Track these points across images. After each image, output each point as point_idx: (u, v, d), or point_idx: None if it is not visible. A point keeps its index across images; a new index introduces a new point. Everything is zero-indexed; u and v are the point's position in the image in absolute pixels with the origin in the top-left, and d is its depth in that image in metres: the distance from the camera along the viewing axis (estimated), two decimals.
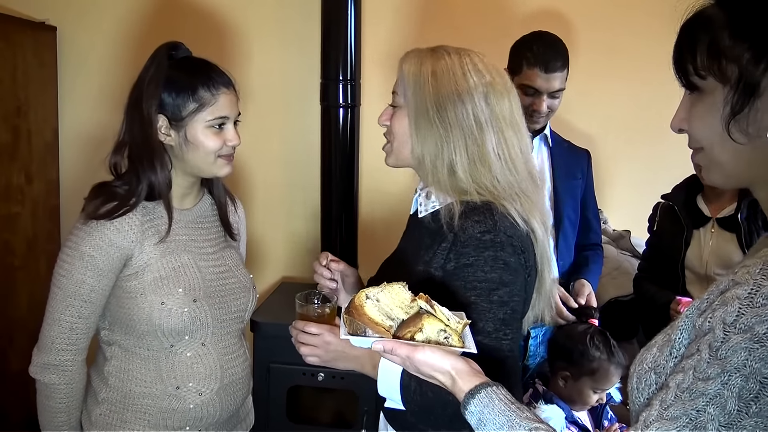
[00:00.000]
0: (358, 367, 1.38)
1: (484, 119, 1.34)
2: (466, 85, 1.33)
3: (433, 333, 1.13)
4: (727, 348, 0.77)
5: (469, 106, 1.33)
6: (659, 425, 0.80)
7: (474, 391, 1.03)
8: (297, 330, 1.40)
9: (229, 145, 1.58)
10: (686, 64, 0.89)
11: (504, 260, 1.30)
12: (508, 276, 1.30)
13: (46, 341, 1.55)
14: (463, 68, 1.35)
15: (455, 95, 1.33)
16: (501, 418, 0.99)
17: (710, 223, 2.44)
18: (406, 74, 1.39)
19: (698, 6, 0.90)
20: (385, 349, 1.12)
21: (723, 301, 0.80)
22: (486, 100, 1.34)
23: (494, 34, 2.82)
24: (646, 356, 0.93)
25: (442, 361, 1.08)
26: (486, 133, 1.34)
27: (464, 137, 1.33)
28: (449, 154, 1.34)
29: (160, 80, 1.54)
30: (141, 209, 1.57)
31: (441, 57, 1.37)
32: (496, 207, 1.32)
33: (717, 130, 0.87)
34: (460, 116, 1.33)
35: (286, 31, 3.13)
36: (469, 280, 1.30)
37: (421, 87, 1.35)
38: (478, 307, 1.29)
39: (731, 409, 0.76)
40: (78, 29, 3.22)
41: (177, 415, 1.59)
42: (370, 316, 1.17)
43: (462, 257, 1.31)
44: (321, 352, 1.38)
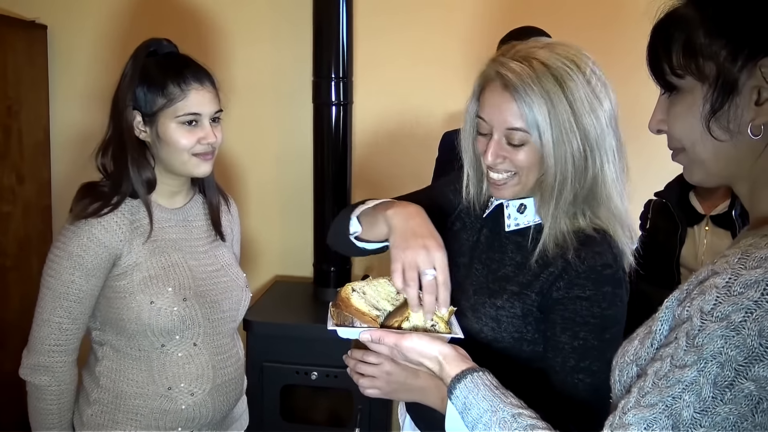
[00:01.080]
0: (423, 399, 1.26)
1: (617, 143, 1.24)
2: (603, 110, 1.22)
3: (420, 321, 1.15)
4: (704, 336, 0.77)
5: (602, 117, 1.21)
6: (636, 412, 0.81)
7: (460, 375, 1.04)
8: (354, 360, 1.28)
9: (203, 143, 1.56)
10: (662, 64, 0.89)
11: (621, 298, 1.21)
12: (622, 314, 1.22)
13: (36, 342, 1.54)
14: (593, 88, 1.21)
15: (590, 113, 1.20)
16: (485, 402, 1.00)
17: (704, 220, 2.45)
18: (536, 109, 1.18)
19: (669, 6, 0.90)
20: (372, 338, 1.13)
21: (701, 290, 0.81)
22: (616, 117, 1.25)
23: (489, 29, 2.82)
24: (628, 348, 0.94)
25: (430, 347, 1.09)
26: (618, 160, 1.24)
27: (602, 158, 1.22)
28: (580, 184, 1.22)
29: (135, 75, 1.54)
30: (129, 208, 1.56)
31: (567, 78, 1.19)
32: (613, 239, 1.23)
33: (697, 129, 0.87)
34: (604, 155, 1.22)
35: (277, 29, 3.12)
36: (582, 315, 1.20)
37: (565, 130, 1.19)
38: (587, 344, 1.19)
39: (706, 396, 0.76)
40: (68, 28, 3.21)
41: (169, 416, 1.58)
42: (357, 307, 1.18)
43: (575, 288, 1.21)
44: (382, 384, 1.25)
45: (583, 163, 1.20)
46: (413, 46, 3.03)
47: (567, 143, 1.18)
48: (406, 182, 1.60)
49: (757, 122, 0.83)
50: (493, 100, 1.23)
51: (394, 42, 3.06)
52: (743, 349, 0.75)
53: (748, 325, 0.75)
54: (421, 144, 2.96)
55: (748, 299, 0.75)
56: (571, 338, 1.20)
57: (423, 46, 3.02)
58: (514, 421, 0.96)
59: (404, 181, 2.91)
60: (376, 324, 1.17)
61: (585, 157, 1.20)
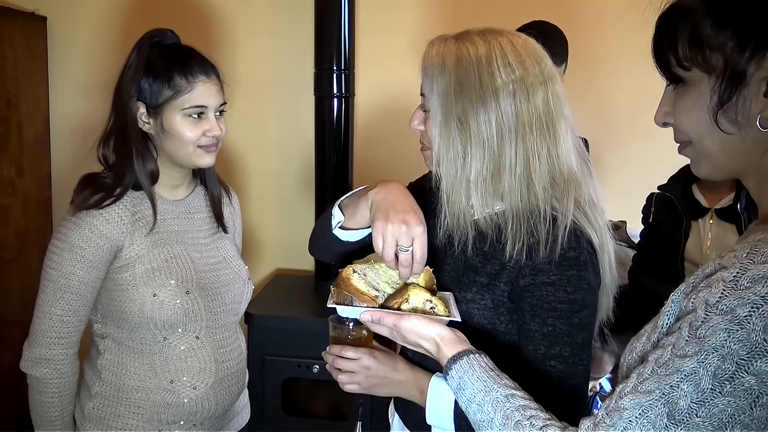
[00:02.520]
0: (403, 393, 1.29)
1: (507, 129, 1.19)
2: (493, 88, 1.19)
3: (419, 303, 1.16)
4: (707, 328, 0.78)
5: (493, 115, 1.19)
6: (633, 397, 0.82)
7: (456, 357, 1.07)
8: (332, 355, 1.29)
9: (208, 136, 1.55)
10: (667, 56, 0.88)
11: (587, 281, 1.20)
12: (590, 297, 1.21)
13: (37, 335, 1.53)
14: (491, 64, 1.19)
15: (480, 104, 1.19)
16: (479, 383, 1.02)
17: (709, 214, 2.43)
18: (430, 76, 1.23)
19: None
20: (372, 318, 1.14)
21: (708, 283, 0.81)
22: (515, 103, 1.19)
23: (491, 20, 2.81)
24: (635, 345, 0.94)
25: (428, 329, 1.10)
26: (506, 144, 1.20)
27: (482, 150, 1.20)
28: (465, 168, 1.22)
29: (140, 66, 1.52)
30: (131, 200, 1.55)
31: (466, 53, 1.21)
32: (575, 221, 1.21)
33: (705, 122, 0.86)
34: (483, 128, 1.19)
35: (279, 20, 3.10)
36: (549, 300, 1.19)
37: (447, 97, 1.21)
38: (556, 330, 1.18)
39: (705, 388, 0.77)
40: (68, 19, 3.19)
41: (171, 410, 1.57)
42: (357, 287, 1.20)
43: (540, 274, 1.19)
44: (361, 378, 1.27)
45: (468, 137, 1.21)
46: (416, 38, 3.01)
47: (451, 115, 1.21)
48: (408, 175, 1.59)
49: (766, 114, 0.82)
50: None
51: (396, 34, 3.04)
52: (746, 344, 0.75)
53: (753, 320, 0.75)
54: None
55: (755, 294, 0.75)
56: (540, 325, 1.19)
57: (426, 38, 3.00)
58: (506, 401, 0.98)
59: (406, 174, 2.89)
60: (375, 304, 1.19)
61: (468, 135, 1.20)
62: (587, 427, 0.86)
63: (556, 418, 0.94)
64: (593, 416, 0.87)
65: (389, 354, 1.31)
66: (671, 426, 0.78)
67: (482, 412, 0.99)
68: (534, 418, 0.94)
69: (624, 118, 3.02)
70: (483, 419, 0.99)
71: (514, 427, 0.94)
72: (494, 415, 0.97)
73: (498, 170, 1.21)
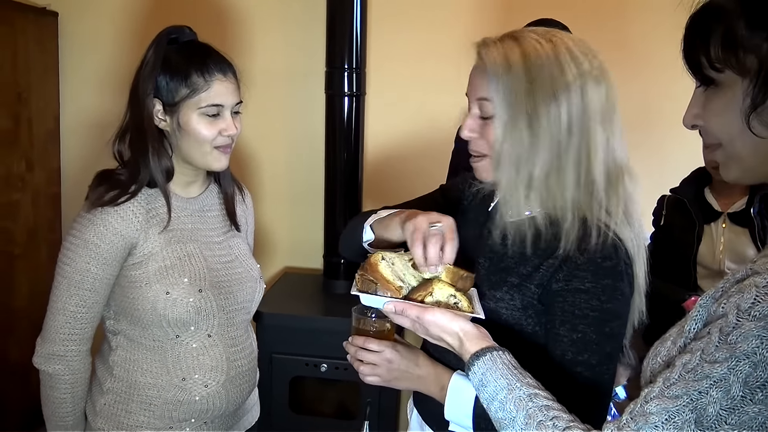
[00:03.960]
0: (422, 388, 1.29)
1: (575, 123, 1.18)
2: (563, 82, 1.16)
3: (443, 297, 1.16)
4: (739, 334, 0.76)
5: (564, 109, 1.17)
6: (659, 402, 0.81)
7: (480, 353, 1.06)
8: (355, 346, 1.29)
9: (224, 135, 1.54)
10: (699, 57, 0.87)
11: (622, 291, 1.19)
12: (623, 308, 1.20)
13: (50, 331, 1.53)
14: (558, 58, 1.17)
15: (551, 100, 1.16)
16: (502, 380, 1.01)
17: (721, 218, 2.42)
18: (495, 77, 1.18)
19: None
20: (396, 309, 1.14)
21: (740, 288, 0.79)
22: (583, 95, 1.18)
23: (503, 18, 2.80)
24: (660, 349, 0.92)
25: (452, 323, 1.10)
26: (573, 139, 1.18)
27: (550, 148, 1.18)
28: (529, 167, 1.19)
29: (157, 63, 1.51)
30: (145, 197, 1.55)
31: (531, 47, 1.18)
32: (616, 231, 1.20)
33: (736, 124, 0.84)
34: (554, 125, 1.17)
35: (290, 19, 3.10)
36: (581, 307, 1.17)
37: (513, 92, 1.17)
38: (586, 337, 1.17)
39: (735, 395, 0.76)
40: (79, 15, 3.19)
41: (182, 407, 1.57)
42: (383, 274, 1.19)
43: (575, 280, 1.18)
44: (382, 371, 1.27)
45: (533, 141, 1.18)
46: (428, 38, 3.00)
47: (520, 118, 1.17)
48: (418, 176, 1.59)
49: None
50: (471, 74, 1.26)
51: (408, 33, 3.03)
52: None
53: None
54: (434, 137, 2.94)
55: None
56: (570, 331, 1.19)
57: (438, 39, 2.99)
58: (529, 401, 0.97)
59: (416, 175, 2.91)
60: (398, 295, 1.18)
61: (537, 136, 1.18)
62: (611, 431, 0.85)
63: (578, 420, 0.93)
64: (617, 420, 0.86)
65: (411, 348, 1.31)
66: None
67: (504, 410, 0.99)
68: (557, 419, 0.93)
69: (636, 120, 3.00)
70: (504, 417, 0.98)
71: (537, 427, 0.93)
72: (516, 414, 0.97)
73: (562, 165, 1.20)
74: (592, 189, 1.21)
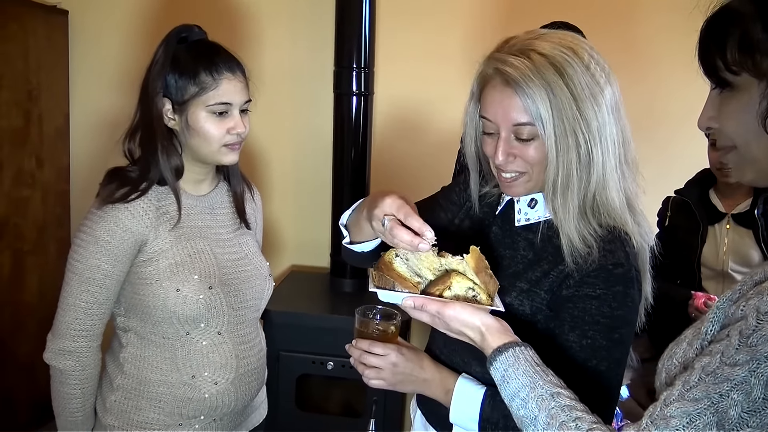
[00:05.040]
0: (427, 391, 1.29)
1: (617, 129, 1.19)
2: (603, 95, 1.16)
3: (462, 290, 1.14)
4: (759, 336, 0.76)
5: (603, 105, 1.17)
6: (680, 405, 0.81)
7: (502, 348, 1.05)
8: (359, 350, 1.28)
9: (233, 133, 1.55)
10: (715, 60, 0.87)
11: (632, 298, 1.19)
12: (632, 315, 1.20)
13: (61, 327, 1.54)
14: (588, 65, 1.16)
15: (591, 100, 1.15)
16: (524, 378, 1.00)
17: (725, 219, 2.42)
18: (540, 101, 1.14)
19: (723, 0, 0.87)
20: (415, 305, 1.12)
21: (759, 291, 0.79)
22: (616, 100, 1.19)
23: (510, 19, 2.81)
24: (675, 351, 0.92)
25: (473, 317, 1.09)
26: (617, 145, 1.19)
27: (601, 156, 1.17)
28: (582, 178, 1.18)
29: (166, 62, 1.52)
30: (156, 195, 1.56)
31: (567, 65, 1.15)
32: (627, 237, 1.20)
33: (752, 127, 0.84)
34: (605, 140, 1.17)
35: (299, 18, 3.11)
36: (591, 314, 1.17)
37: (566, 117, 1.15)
38: (595, 344, 1.17)
39: (757, 397, 0.75)
40: (90, 13, 3.21)
41: (192, 404, 1.58)
42: (399, 272, 1.17)
43: (585, 287, 1.18)
44: (387, 375, 1.26)
45: (588, 154, 1.16)
46: (436, 38, 3.01)
47: (570, 134, 1.15)
48: (426, 174, 1.59)
49: None
50: (495, 97, 1.19)
51: (416, 33, 3.04)
52: None
53: None
54: (441, 137, 2.95)
55: None
56: (580, 337, 1.18)
57: (446, 38, 3.00)
58: (552, 400, 0.96)
59: (423, 174, 2.91)
60: (416, 290, 1.16)
61: (589, 148, 1.16)
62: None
63: (601, 421, 0.93)
64: (637, 423, 0.86)
65: (416, 351, 1.31)
66: None
67: (526, 408, 0.98)
68: (580, 420, 0.92)
69: (641, 121, 3.00)
70: (526, 416, 0.98)
71: (559, 428, 0.93)
72: (538, 413, 0.96)
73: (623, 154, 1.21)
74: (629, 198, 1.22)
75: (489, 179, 1.38)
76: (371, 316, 1.31)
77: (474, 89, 1.26)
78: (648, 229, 1.26)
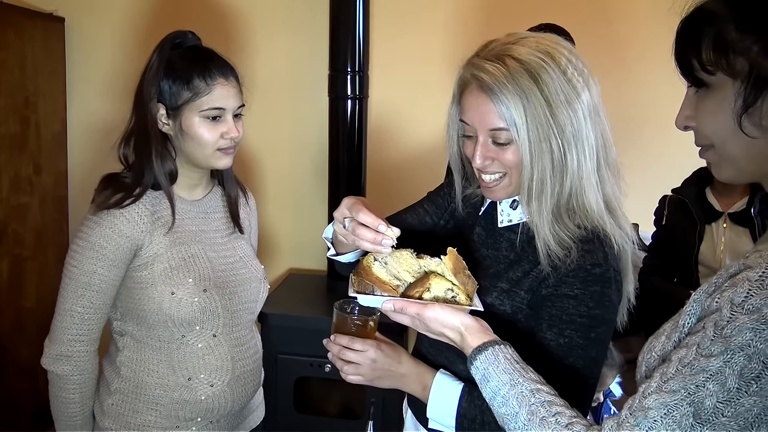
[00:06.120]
0: (404, 387, 1.29)
1: (594, 130, 1.20)
2: (575, 93, 1.17)
3: (441, 292, 1.15)
4: (733, 327, 0.78)
5: (579, 110, 1.17)
6: (657, 397, 0.82)
7: (482, 347, 1.06)
8: (338, 346, 1.28)
9: (226, 138, 1.56)
10: (691, 60, 0.88)
11: (610, 298, 1.20)
12: (610, 315, 1.21)
13: (58, 332, 1.56)
14: (564, 69, 1.17)
15: (566, 106, 1.16)
16: (504, 375, 1.01)
17: (722, 218, 2.43)
18: (514, 107, 1.16)
19: (698, 1, 0.89)
20: (395, 308, 1.13)
21: (733, 282, 0.81)
22: (594, 103, 1.20)
23: (503, 22, 2.82)
24: (654, 344, 0.94)
25: (452, 318, 1.10)
26: (594, 147, 1.20)
27: (576, 158, 1.18)
28: (556, 179, 1.19)
29: (161, 68, 1.54)
30: (150, 200, 1.57)
31: (537, 64, 1.16)
32: (606, 238, 1.21)
33: (728, 126, 0.86)
34: (580, 143, 1.18)
35: (294, 22, 3.13)
36: (569, 313, 1.19)
37: (539, 121, 1.16)
38: (572, 342, 1.19)
39: (731, 387, 0.77)
40: (86, 20, 3.23)
41: (188, 406, 1.59)
42: (378, 276, 1.18)
43: (563, 286, 1.20)
44: (366, 371, 1.26)
45: (561, 159, 1.18)
46: (430, 40, 3.02)
47: (544, 140, 1.16)
48: (420, 177, 1.60)
49: None
50: (472, 102, 1.22)
51: (411, 37, 3.05)
52: None
53: None
54: (436, 139, 2.93)
55: None
56: (557, 335, 1.20)
57: (440, 42, 3.02)
58: (532, 396, 0.98)
59: (418, 176, 2.92)
60: (396, 293, 1.18)
61: (563, 153, 1.17)
62: (610, 427, 0.87)
63: (581, 416, 0.94)
64: (616, 416, 0.87)
65: (394, 347, 1.31)
66: (697, 425, 0.79)
67: (507, 405, 0.99)
68: (559, 415, 0.94)
69: (637, 120, 3.02)
70: (507, 413, 0.99)
71: (539, 424, 0.94)
72: (519, 410, 0.97)
73: (604, 157, 1.22)
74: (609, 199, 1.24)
75: (472, 181, 1.40)
76: (349, 311, 1.32)
77: (455, 92, 1.29)
78: (629, 231, 1.27)
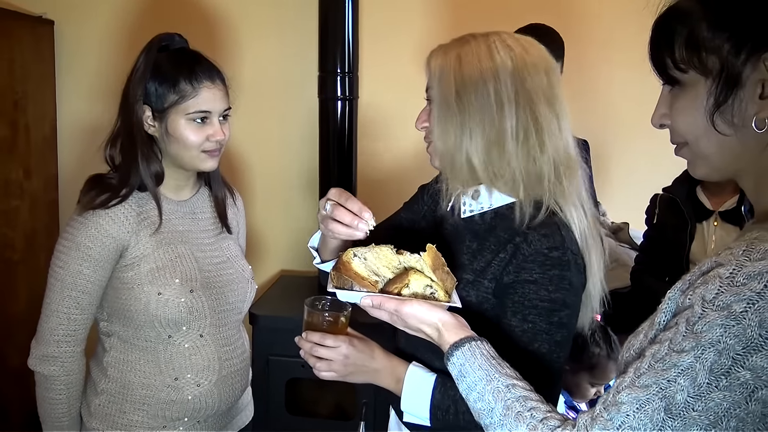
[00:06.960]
0: (378, 381, 1.30)
1: (507, 98, 1.21)
2: (492, 64, 1.21)
3: (420, 288, 1.16)
4: (704, 323, 0.79)
5: (491, 85, 1.20)
6: (630, 392, 0.83)
7: (458, 343, 1.07)
8: (310, 342, 1.28)
9: (212, 140, 1.56)
10: (664, 58, 0.89)
11: (569, 281, 1.22)
12: (571, 297, 1.23)
13: (45, 333, 1.56)
14: (489, 47, 1.23)
15: (478, 77, 1.21)
16: (480, 371, 1.02)
17: (713, 216, 2.44)
18: (433, 67, 1.27)
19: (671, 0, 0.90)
20: (373, 303, 1.14)
21: (705, 280, 0.82)
22: (514, 75, 1.21)
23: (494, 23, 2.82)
24: (633, 342, 0.95)
25: (430, 314, 1.11)
26: (507, 112, 1.21)
27: (482, 121, 1.21)
28: (465, 142, 1.23)
29: (147, 70, 1.54)
30: (137, 200, 1.58)
31: (467, 42, 1.25)
32: (564, 221, 1.24)
33: (701, 123, 0.87)
34: (482, 99, 1.21)
35: (283, 23, 3.13)
36: (530, 298, 1.21)
37: (446, 76, 1.23)
38: (536, 327, 1.21)
39: (701, 382, 0.78)
40: (75, 23, 3.23)
41: (175, 406, 1.59)
42: (357, 272, 1.19)
43: (524, 272, 1.22)
44: (338, 367, 1.28)
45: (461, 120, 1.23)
46: (419, 41, 3.03)
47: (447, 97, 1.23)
48: (410, 177, 1.60)
49: (762, 116, 0.83)
50: None
51: (399, 37, 3.06)
52: (742, 339, 0.76)
53: (749, 315, 0.76)
54: None
55: (751, 290, 0.76)
56: (521, 321, 1.21)
57: (429, 41, 3.02)
58: (507, 391, 0.99)
59: (409, 178, 2.91)
60: (375, 289, 1.18)
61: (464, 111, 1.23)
62: (585, 422, 0.87)
63: (556, 410, 0.95)
64: (591, 411, 0.88)
65: (366, 342, 1.32)
66: (668, 420, 0.79)
67: (483, 401, 1.00)
68: (534, 410, 0.95)
69: (626, 119, 3.03)
70: (483, 408, 1.00)
71: (515, 418, 0.95)
72: (495, 405, 0.98)
73: (499, 138, 1.22)
74: (543, 169, 1.24)
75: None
76: (321, 307, 1.32)
77: None
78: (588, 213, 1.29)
